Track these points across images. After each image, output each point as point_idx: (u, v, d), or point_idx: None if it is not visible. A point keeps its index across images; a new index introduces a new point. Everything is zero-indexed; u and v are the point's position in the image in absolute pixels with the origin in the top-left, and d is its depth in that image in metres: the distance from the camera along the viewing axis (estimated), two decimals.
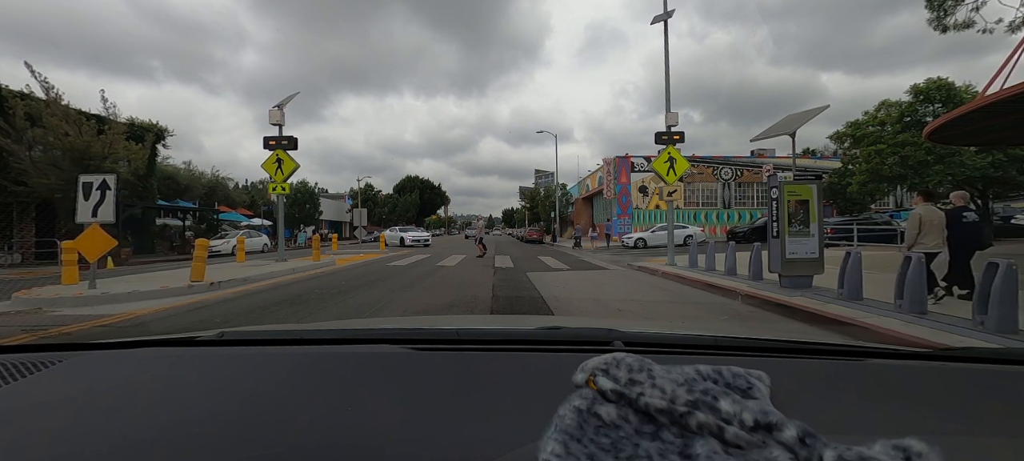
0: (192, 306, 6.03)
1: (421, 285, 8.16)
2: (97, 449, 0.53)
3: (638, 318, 5.58)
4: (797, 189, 6.92)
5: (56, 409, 0.64)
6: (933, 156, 16.17)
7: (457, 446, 0.52)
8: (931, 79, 17.67)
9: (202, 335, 0.94)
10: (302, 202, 38.41)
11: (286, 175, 11.27)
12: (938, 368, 0.79)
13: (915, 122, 17.55)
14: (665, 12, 11.85)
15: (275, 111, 11.19)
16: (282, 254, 11.51)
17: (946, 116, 9.74)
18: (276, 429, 0.56)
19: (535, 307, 5.98)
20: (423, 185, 61.42)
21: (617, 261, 14.13)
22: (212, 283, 7.12)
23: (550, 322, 1.37)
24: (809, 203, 6.87)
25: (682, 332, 0.99)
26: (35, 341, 1.05)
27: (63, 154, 15.43)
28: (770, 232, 7.05)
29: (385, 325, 1.18)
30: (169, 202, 26.10)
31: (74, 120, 15.49)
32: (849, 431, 0.55)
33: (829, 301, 5.76)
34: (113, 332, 2.65)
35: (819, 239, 6.86)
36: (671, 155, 11.45)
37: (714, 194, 32.50)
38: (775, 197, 6.95)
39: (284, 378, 0.73)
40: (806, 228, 6.85)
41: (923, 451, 0.35)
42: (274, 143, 11.16)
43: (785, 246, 6.79)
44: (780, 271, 6.87)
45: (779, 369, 0.65)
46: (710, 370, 0.56)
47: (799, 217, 6.86)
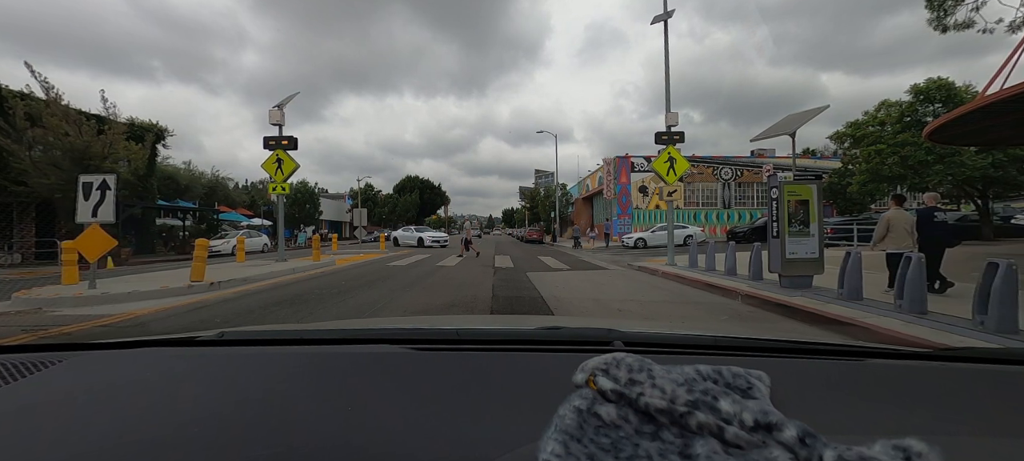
0: (192, 306, 6.03)
1: (421, 285, 8.17)
2: (97, 449, 0.53)
3: (638, 318, 5.58)
4: (797, 189, 6.92)
5: (56, 409, 0.64)
6: (933, 156, 16.17)
7: (457, 446, 0.52)
8: (931, 79, 17.66)
9: (202, 335, 0.94)
10: (302, 202, 38.42)
11: (286, 175, 11.27)
12: (938, 368, 0.79)
13: (915, 122, 17.54)
14: (665, 12, 11.85)
15: (275, 111, 11.19)
16: (282, 254, 11.51)
17: (946, 116, 9.74)
18: (276, 429, 0.56)
19: (535, 307, 5.98)
20: (423, 185, 61.41)
21: (617, 261, 14.14)
22: (212, 283, 7.12)
23: (550, 322, 1.38)
24: (809, 203, 6.87)
25: (682, 332, 0.99)
26: (35, 341, 1.04)
27: (63, 154, 15.42)
28: (770, 232, 7.05)
29: (385, 325, 1.18)
30: (169, 202, 26.09)
31: (74, 120, 15.48)
32: (849, 431, 0.55)
33: (829, 301, 5.76)
34: (113, 332, 2.68)
35: (819, 239, 6.86)
36: (671, 155, 11.45)
37: (714, 194, 32.50)
38: (775, 197, 6.95)
39: (284, 378, 0.73)
40: (806, 228, 6.85)
41: (923, 451, 0.35)
42: (274, 143, 11.16)
43: (785, 246, 6.79)
44: (780, 271, 6.87)
45: (779, 369, 0.66)
46: (710, 370, 0.56)
47: (799, 217, 6.87)
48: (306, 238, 32.97)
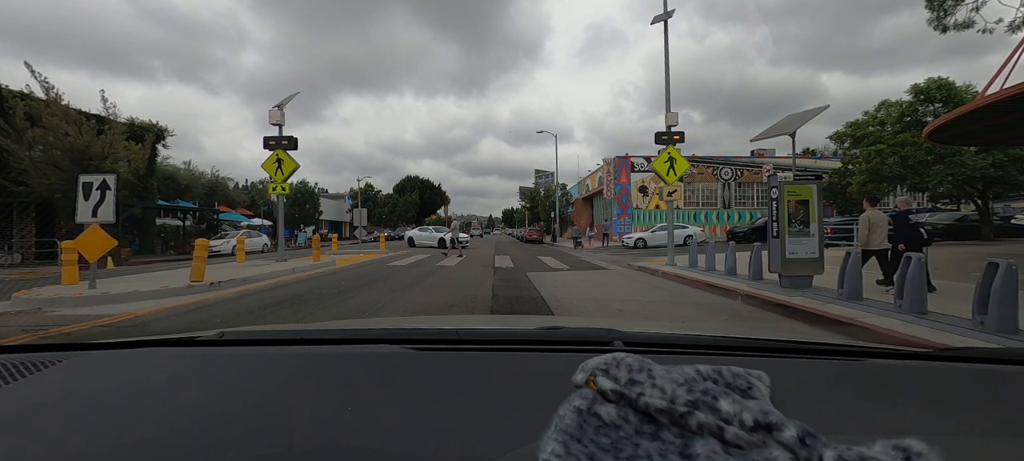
0: (192, 306, 6.03)
1: (421, 285, 8.16)
2: (97, 449, 0.53)
3: (638, 318, 5.58)
4: (797, 189, 6.93)
5: (56, 409, 0.64)
6: (933, 156, 16.16)
7: (457, 446, 0.52)
8: (931, 79, 17.64)
9: (202, 335, 0.94)
10: (302, 202, 38.43)
11: (286, 175, 11.28)
12: (938, 368, 0.79)
13: (915, 122, 17.54)
14: (665, 12, 11.85)
15: (275, 111, 11.19)
16: (282, 254, 11.51)
17: (946, 116, 9.74)
18: (276, 429, 0.56)
19: (535, 307, 5.98)
20: (423, 185, 61.40)
21: (617, 261, 14.14)
22: (212, 283, 7.12)
23: (550, 322, 1.37)
24: (809, 203, 6.88)
25: (682, 332, 0.99)
26: (35, 341, 1.04)
27: (63, 154, 15.41)
28: (770, 232, 7.06)
29: (385, 325, 1.17)
30: (169, 202, 26.10)
31: (74, 120, 15.48)
32: (849, 431, 0.55)
33: (829, 301, 5.76)
34: (113, 332, 2.67)
35: (819, 239, 6.86)
36: (671, 155, 11.45)
37: (714, 194, 32.49)
38: (775, 197, 6.95)
39: (284, 378, 0.73)
40: (806, 228, 6.86)
41: (923, 451, 0.35)
42: (274, 143, 11.16)
43: (785, 246, 6.80)
44: (780, 271, 6.87)
45: (779, 369, 0.65)
46: (710, 370, 0.56)
47: (799, 217, 6.87)
48: (306, 238, 32.97)
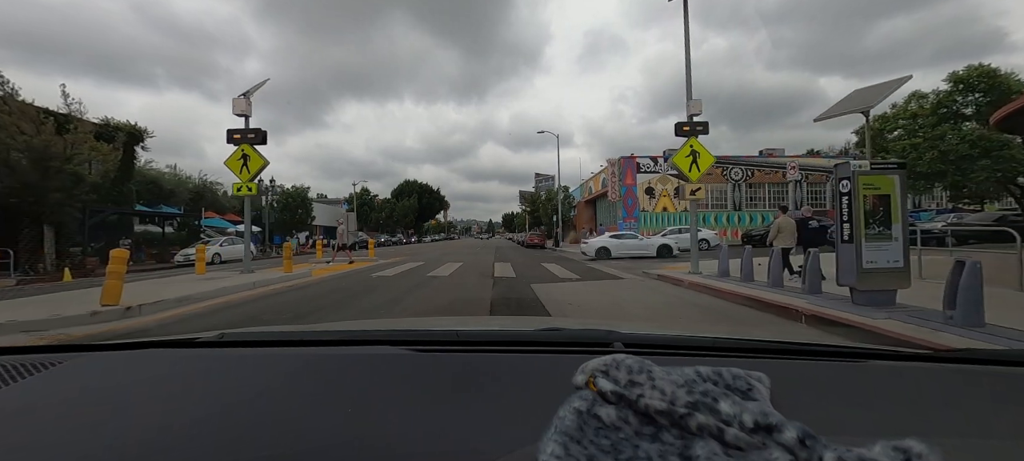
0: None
1: (407, 301, 6.99)
2: (98, 451, 0.53)
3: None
4: (875, 180, 5.44)
5: (57, 410, 0.64)
6: (978, 150, 14.49)
7: (457, 446, 0.52)
8: (971, 66, 15.99)
9: (202, 336, 0.93)
10: (293, 207, 36.86)
11: (253, 173, 9.75)
12: (938, 369, 0.79)
13: (952, 114, 15.98)
14: None
15: (240, 100, 9.67)
16: (248, 265, 9.98)
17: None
18: (276, 430, 0.56)
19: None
20: (421, 189, 60.05)
21: (630, 269, 12.67)
22: (129, 307, 5.54)
23: (550, 323, 1.26)
24: (891, 198, 5.40)
25: (682, 333, 1.01)
26: (35, 342, 1.00)
27: (20, 155, 14.05)
28: (839, 235, 5.59)
29: (385, 326, 1.20)
30: (151, 208, 24.71)
31: (32, 118, 14.14)
32: (849, 432, 0.55)
33: (938, 328, 4.27)
34: (113, 334, 2.35)
35: (904, 243, 5.39)
36: (694, 148, 9.99)
37: (723, 195, 31.03)
38: (845, 190, 5.49)
39: (284, 380, 0.73)
40: (887, 230, 5.38)
41: (923, 452, 0.35)
42: (239, 137, 9.66)
43: (862, 252, 5.32)
44: (854, 284, 5.39)
45: (779, 370, 0.64)
46: (710, 371, 0.55)
47: (878, 216, 5.40)
48: (298, 244, 31.42)
